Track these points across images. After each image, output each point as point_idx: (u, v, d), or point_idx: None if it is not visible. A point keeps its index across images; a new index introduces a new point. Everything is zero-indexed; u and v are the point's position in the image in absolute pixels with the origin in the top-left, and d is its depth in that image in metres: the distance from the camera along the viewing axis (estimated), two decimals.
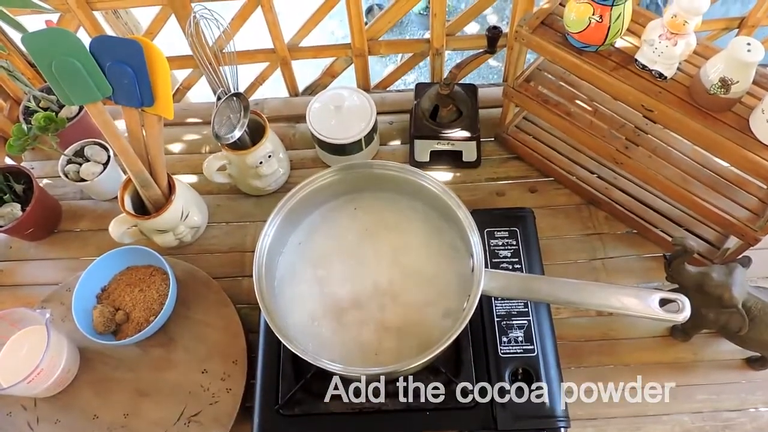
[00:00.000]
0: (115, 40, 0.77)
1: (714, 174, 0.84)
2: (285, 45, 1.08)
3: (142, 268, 0.91)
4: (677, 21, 0.69)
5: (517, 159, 1.05)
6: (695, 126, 0.73)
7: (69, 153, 1.00)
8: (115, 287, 0.89)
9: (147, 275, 0.90)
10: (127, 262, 0.91)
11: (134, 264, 0.91)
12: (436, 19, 1.02)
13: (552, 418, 0.74)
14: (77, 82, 0.76)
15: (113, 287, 0.89)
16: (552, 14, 0.82)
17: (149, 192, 0.88)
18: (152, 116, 0.82)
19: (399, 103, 1.13)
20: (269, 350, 0.80)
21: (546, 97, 0.90)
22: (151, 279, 0.89)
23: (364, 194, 0.80)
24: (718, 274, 0.74)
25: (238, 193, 1.05)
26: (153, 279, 0.89)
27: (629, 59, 0.78)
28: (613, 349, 0.88)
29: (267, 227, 0.72)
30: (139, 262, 0.91)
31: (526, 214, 0.88)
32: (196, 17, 0.82)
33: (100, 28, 1.04)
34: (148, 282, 0.89)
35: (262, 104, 1.15)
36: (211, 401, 0.82)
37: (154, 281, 0.89)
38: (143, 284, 0.89)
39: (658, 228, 0.93)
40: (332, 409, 0.76)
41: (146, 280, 0.89)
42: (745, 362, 0.86)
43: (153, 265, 0.91)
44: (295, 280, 0.76)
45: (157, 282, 0.89)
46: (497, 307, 0.81)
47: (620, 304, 0.66)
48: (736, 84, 0.69)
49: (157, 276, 0.89)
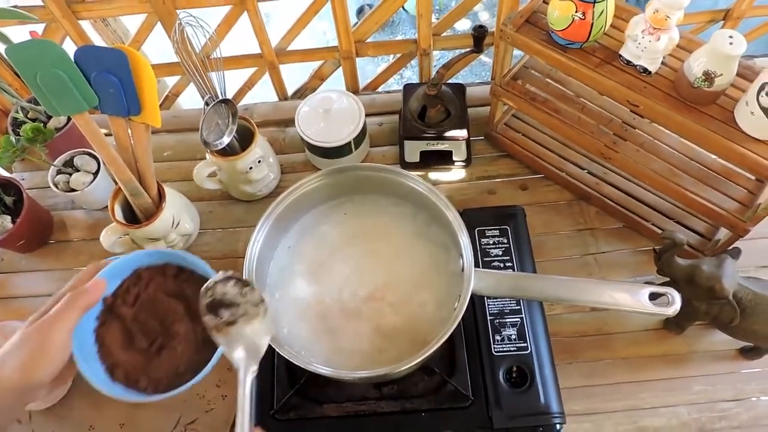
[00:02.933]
0: (99, 49, 0.77)
1: (702, 166, 0.85)
2: (272, 49, 1.08)
3: None
4: (659, 16, 0.69)
5: (507, 157, 1.05)
6: (680, 119, 0.73)
7: (58, 163, 0.99)
8: None
9: None
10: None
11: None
12: (422, 20, 1.02)
13: (547, 414, 0.74)
14: (63, 92, 0.75)
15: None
16: (536, 12, 0.82)
17: (139, 201, 0.88)
18: (140, 125, 0.82)
19: (389, 105, 1.13)
20: (263, 356, 0.80)
21: (533, 95, 0.90)
22: None
23: (353, 197, 0.80)
24: (708, 266, 0.74)
25: (229, 199, 1.05)
26: None
27: (614, 55, 0.78)
28: (608, 344, 0.89)
29: (256, 233, 0.72)
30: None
31: (516, 212, 0.88)
32: (181, 24, 0.82)
33: (86, 38, 1.04)
34: None
35: (252, 109, 1.15)
36: (207, 408, 0.82)
37: None
38: None
39: (650, 222, 0.94)
40: (327, 413, 0.76)
41: None
42: (739, 353, 0.86)
43: None
44: (286, 285, 0.76)
45: None
46: (490, 305, 0.81)
47: (610, 299, 0.66)
48: (720, 77, 0.69)
49: None
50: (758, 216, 0.78)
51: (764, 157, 0.70)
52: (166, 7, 0.98)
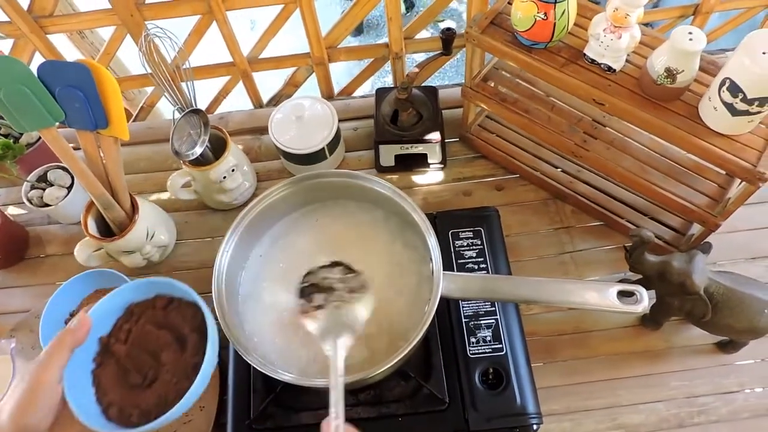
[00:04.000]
0: (62, 64, 0.76)
1: (672, 162, 0.85)
2: (244, 58, 1.08)
3: (109, 291, 0.90)
4: (619, 14, 0.69)
5: (482, 158, 1.05)
6: (646, 116, 0.73)
7: (32, 179, 0.99)
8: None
9: None
10: (95, 285, 0.90)
11: (102, 287, 0.91)
12: (392, 23, 1.02)
13: (524, 415, 0.74)
14: (28, 108, 0.75)
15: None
16: (501, 14, 0.82)
17: (112, 214, 0.87)
18: (108, 138, 0.82)
19: (363, 109, 1.13)
20: (239, 365, 0.80)
21: (503, 96, 0.91)
22: None
23: (325, 203, 0.80)
24: (679, 262, 0.74)
25: (206, 209, 1.04)
26: None
27: (578, 54, 0.78)
28: (586, 342, 0.89)
29: (225, 244, 0.72)
30: (107, 284, 0.90)
31: (490, 214, 0.88)
32: (149, 36, 0.82)
33: (56, 52, 1.04)
34: None
35: (227, 118, 1.15)
36: (185, 420, 0.82)
37: None
38: None
39: (624, 218, 0.94)
40: (304, 421, 0.76)
41: None
42: (716, 347, 0.86)
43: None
44: (259, 294, 0.76)
45: None
46: (464, 308, 0.81)
47: (580, 299, 0.66)
48: (682, 73, 0.69)
49: None
50: (728, 210, 0.78)
51: (728, 151, 0.70)
52: (134, 19, 0.97)
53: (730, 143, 0.70)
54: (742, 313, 0.74)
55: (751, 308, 0.74)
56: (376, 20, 2.94)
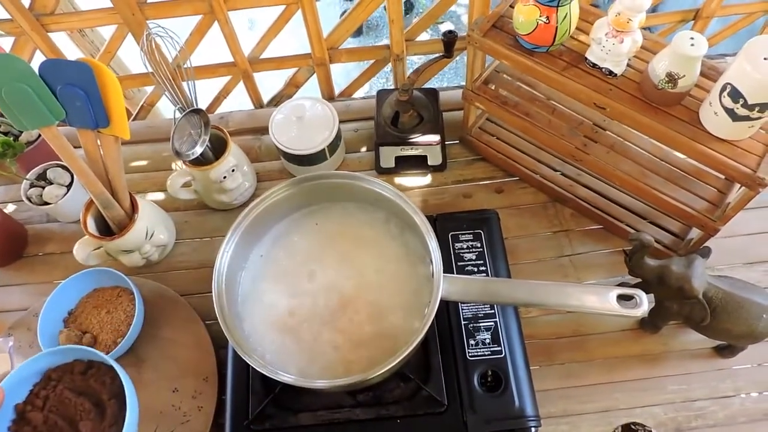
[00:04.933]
0: (64, 63, 0.76)
1: (672, 167, 0.85)
2: (245, 58, 1.08)
3: (108, 290, 0.90)
4: (621, 19, 0.70)
5: (482, 160, 1.05)
6: (647, 121, 0.73)
7: (31, 177, 0.99)
8: (82, 310, 0.88)
9: (114, 296, 0.89)
10: (93, 284, 0.90)
11: (100, 286, 0.90)
12: (393, 25, 1.02)
13: (522, 418, 0.74)
14: (29, 107, 0.75)
15: (80, 310, 0.88)
16: (503, 17, 0.82)
17: (112, 213, 0.87)
18: (108, 137, 0.82)
19: (364, 111, 1.13)
20: (238, 366, 0.80)
21: (504, 99, 0.91)
22: (118, 300, 0.88)
23: (325, 205, 0.80)
24: (678, 266, 0.74)
25: (205, 209, 1.04)
26: (120, 300, 0.88)
27: (580, 58, 0.78)
28: (584, 345, 0.89)
29: (225, 245, 0.72)
30: (105, 283, 0.90)
31: (490, 216, 0.88)
32: (150, 35, 0.82)
33: (56, 50, 1.04)
34: (114, 303, 0.88)
35: (228, 118, 1.15)
36: (183, 420, 0.82)
37: (121, 302, 0.88)
38: (110, 306, 0.88)
39: (623, 222, 0.94)
40: (302, 422, 0.76)
41: (113, 301, 0.88)
42: (714, 351, 0.87)
43: (119, 286, 0.90)
44: (259, 294, 0.76)
45: (124, 303, 0.88)
46: (464, 310, 0.81)
47: (579, 302, 0.67)
48: (683, 78, 0.69)
49: (123, 297, 0.89)
50: (728, 215, 0.79)
51: (728, 156, 0.70)
52: (135, 18, 0.97)
53: (730, 148, 0.71)
54: (741, 318, 0.75)
55: (749, 313, 0.74)
56: (376, 21, 2.94)
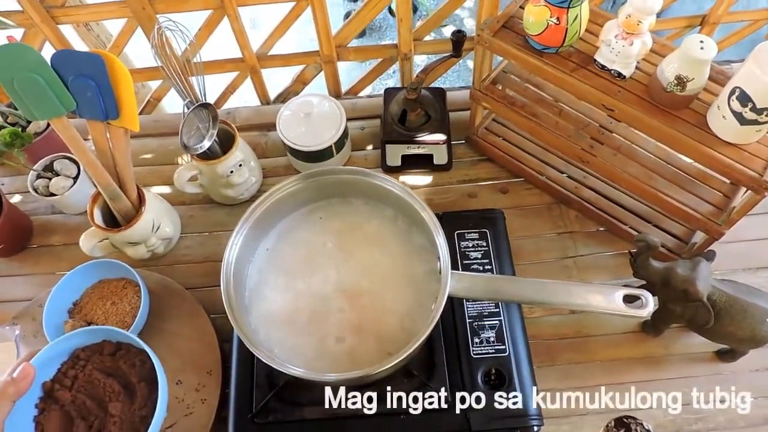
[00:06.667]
0: (76, 54, 0.77)
1: (678, 170, 0.86)
2: (253, 54, 1.08)
3: (114, 281, 0.90)
4: (632, 21, 0.70)
5: (487, 161, 1.06)
6: (654, 123, 0.74)
7: (38, 168, 0.99)
8: (87, 301, 0.88)
9: (119, 288, 0.89)
10: (99, 276, 0.90)
11: (106, 277, 0.91)
12: (402, 24, 1.03)
13: (525, 417, 0.75)
14: (40, 97, 0.75)
15: (85, 301, 0.88)
16: (513, 17, 0.83)
17: (119, 204, 0.88)
18: (118, 129, 0.82)
19: (370, 109, 1.13)
20: (243, 359, 0.80)
21: (512, 99, 0.91)
22: (123, 292, 0.89)
23: (332, 200, 0.81)
24: (683, 268, 0.75)
25: (210, 203, 1.04)
26: (125, 292, 0.89)
27: (589, 60, 0.79)
28: (586, 347, 0.89)
29: (234, 237, 0.72)
30: (111, 275, 0.90)
31: (496, 216, 0.89)
32: (161, 29, 0.82)
33: (66, 42, 1.04)
34: (120, 295, 0.88)
35: (234, 113, 1.15)
36: (186, 412, 0.82)
37: (126, 294, 0.88)
38: (115, 297, 0.88)
39: (628, 225, 0.94)
40: (306, 416, 0.76)
41: (118, 293, 0.88)
42: (715, 355, 0.87)
43: (125, 278, 0.90)
44: (266, 288, 0.76)
45: (130, 294, 0.88)
46: (469, 308, 0.82)
47: (585, 301, 0.67)
48: (692, 81, 0.70)
49: (129, 289, 0.89)
50: (732, 219, 0.79)
51: (735, 160, 0.71)
52: (146, 12, 0.98)
53: (737, 152, 0.71)
54: (744, 322, 0.75)
55: (753, 317, 0.74)
56: (379, 23, 2.96)
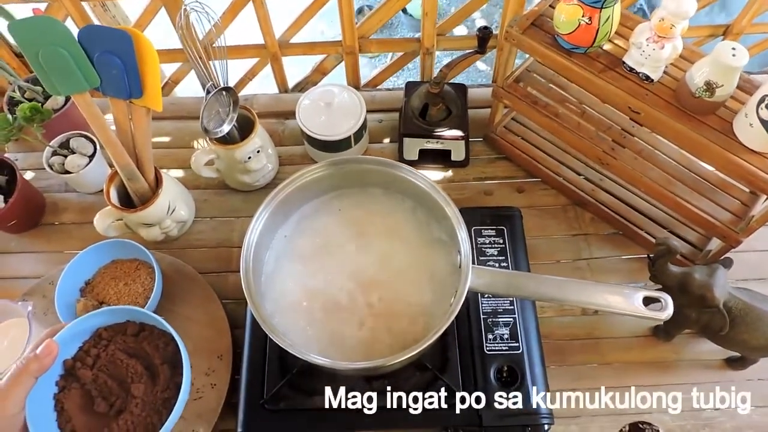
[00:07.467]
0: (104, 30, 0.76)
1: (698, 177, 0.86)
2: (276, 41, 1.08)
3: (127, 262, 0.90)
4: (665, 24, 0.70)
5: (505, 159, 1.06)
6: (680, 128, 0.74)
7: (54, 145, 0.98)
8: (100, 280, 0.88)
9: (132, 269, 0.89)
10: (112, 256, 0.90)
11: (119, 257, 0.90)
12: (427, 18, 1.02)
13: (536, 414, 0.75)
14: (64, 71, 0.75)
15: (97, 280, 0.88)
16: (542, 16, 0.83)
17: (135, 185, 0.87)
18: (140, 108, 0.81)
19: (389, 102, 1.13)
20: (255, 345, 0.80)
21: (535, 98, 0.91)
22: (137, 273, 0.88)
23: (353, 189, 0.80)
24: (701, 274, 0.75)
25: (225, 189, 1.04)
26: (138, 273, 0.88)
27: (617, 61, 0.79)
28: (597, 348, 0.89)
29: (255, 221, 0.72)
30: (125, 255, 0.90)
31: (513, 214, 0.89)
32: (187, 10, 0.81)
33: (87, 19, 1.03)
34: (133, 276, 0.88)
35: (252, 100, 1.15)
36: (195, 397, 0.82)
37: (140, 275, 0.88)
38: (128, 278, 0.88)
39: (643, 230, 0.95)
40: (318, 404, 0.75)
41: (131, 273, 0.88)
42: (725, 362, 0.87)
43: (138, 259, 0.90)
44: (282, 275, 0.76)
45: (143, 276, 0.88)
46: (483, 304, 0.82)
47: (605, 301, 0.67)
48: (721, 87, 0.70)
49: (142, 270, 0.89)
50: (751, 228, 0.79)
51: (761, 168, 0.71)
52: None
53: (762, 160, 0.71)
54: (759, 330, 0.75)
55: None
56: (391, 21, 2.95)
